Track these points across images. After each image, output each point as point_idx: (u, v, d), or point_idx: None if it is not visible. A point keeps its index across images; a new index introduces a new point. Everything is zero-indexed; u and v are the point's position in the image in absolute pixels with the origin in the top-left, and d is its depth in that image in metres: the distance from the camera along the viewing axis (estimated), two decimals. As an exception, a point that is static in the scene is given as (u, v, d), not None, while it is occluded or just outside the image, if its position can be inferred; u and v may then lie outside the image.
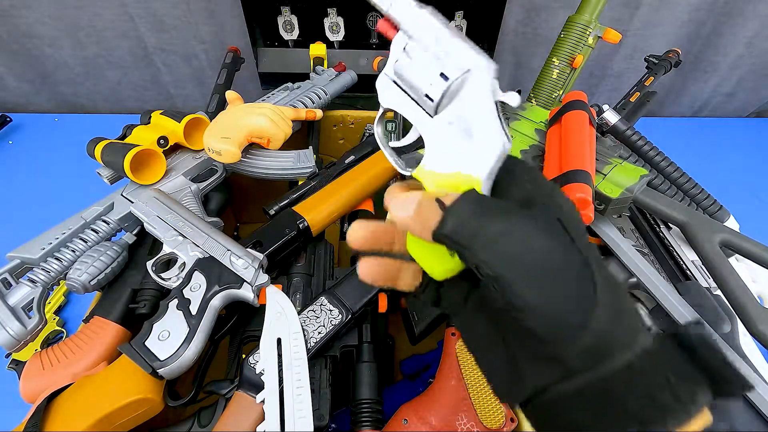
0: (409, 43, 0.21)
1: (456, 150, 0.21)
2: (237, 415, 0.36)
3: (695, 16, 0.91)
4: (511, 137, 0.20)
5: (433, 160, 0.21)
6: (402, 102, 0.22)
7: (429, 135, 0.22)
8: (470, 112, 0.20)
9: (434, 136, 0.21)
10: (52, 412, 0.36)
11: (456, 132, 0.21)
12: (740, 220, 0.51)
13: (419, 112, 0.22)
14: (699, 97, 1.08)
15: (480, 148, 0.20)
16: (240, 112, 0.52)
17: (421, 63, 0.21)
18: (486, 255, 0.18)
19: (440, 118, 0.21)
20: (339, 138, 0.72)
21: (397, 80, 0.22)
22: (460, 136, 0.20)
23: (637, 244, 0.47)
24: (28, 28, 0.86)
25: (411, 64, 0.21)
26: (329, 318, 0.40)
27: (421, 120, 0.22)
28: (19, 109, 0.99)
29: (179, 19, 0.87)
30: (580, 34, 0.58)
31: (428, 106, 0.21)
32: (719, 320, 0.40)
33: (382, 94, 0.23)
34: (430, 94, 0.21)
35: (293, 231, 0.45)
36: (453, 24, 0.85)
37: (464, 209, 0.19)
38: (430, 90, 0.21)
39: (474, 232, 0.18)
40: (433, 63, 0.20)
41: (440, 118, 0.21)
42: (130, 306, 0.43)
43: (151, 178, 0.48)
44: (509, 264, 0.17)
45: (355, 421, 0.41)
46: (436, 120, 0.21)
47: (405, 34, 0.21)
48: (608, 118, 0.51)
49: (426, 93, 0.21)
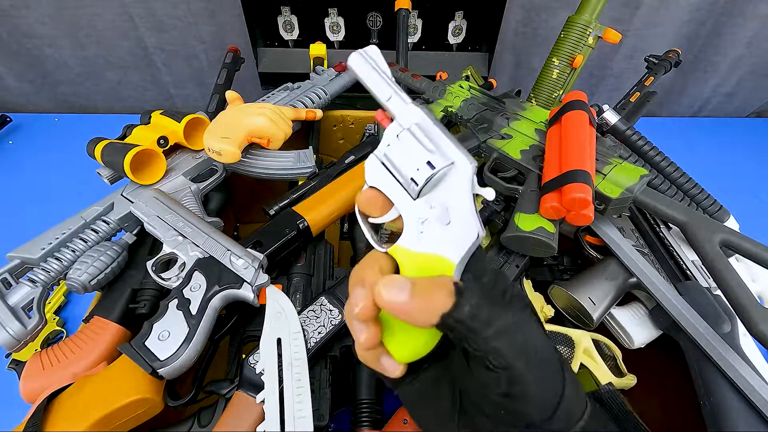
0: (403, 133, 0.24)
1: (433, 233, 0.22)
2: (237, 415, 0.36)
3: (695, 16, 0.91)
4: (484, 228, 0.22)
5: (410, 239, 0.23)
6: (387, 182, 0.24)
7: (409, 215, 0.23)
8: (450, 200, 0.22)
9: (414, 217, 0.23)
10: (52, 412, 0.36)
11: (435, 216, 0.22)
12: (740, 220, 0.51)
13: (402, 194, 0.24)
14: (699, 97, 1.08)
15: (456, 235, 0.22)
16: (240, 112, 0.52)
17: (411, 150, 0.23)
18: (500, 344, 0.19)
19: (422, 201, 0.23)
20: (339, 138, 0.72)
21: (385, 162, 0.24)
22: (438, 221, 0.22)
23: (637, 244, 0.47)
24: (28, 28, 0.86)
25: (402, 151, 0.23)
26: (329, 318, 0.40)
27: (403, 201, 0.24)
28: (19, 109, 0.99)
29: (179, 19, 0.87)
30: (580, 34, 0.58)
31: (412, 189, 0.23)
32: (719, 320, 0.40)
33: (369, 172, 0.25)
34: (415, 178, 0.23)
35: (293, 231, 0.45)
36: (452, 26, 0.85)
37: (476, 296, 0.19)
38: (416, 175, 0.23)
39: (488, 320, 0.19)
40: (422, 152, 0.23)
41: (422, 201, 0.23)
42: (130, 306, 0.43)
43: (151, 178, 0.48)
44: (520, 355, 0.19)
45: (355, 421, 0.41)
46: (418, 202, 0.23)
47: (399, 125, 0.24)
48: (608, 118, 0.51)
49: (412, 177, 0.23)
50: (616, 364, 0.47)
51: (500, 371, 0.19)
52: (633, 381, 0.46)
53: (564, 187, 0.39)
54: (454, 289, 0.19)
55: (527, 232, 0.41)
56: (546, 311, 0.49)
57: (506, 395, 0.19)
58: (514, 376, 0.18)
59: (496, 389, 0.19)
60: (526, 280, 0.51)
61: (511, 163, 0.48)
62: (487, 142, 0.50)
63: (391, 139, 0.24)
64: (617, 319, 0.47)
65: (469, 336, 0.19)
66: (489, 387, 0.19)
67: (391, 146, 0.24)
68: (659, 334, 0.46)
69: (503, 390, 0.19)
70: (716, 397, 0.37)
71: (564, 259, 0.54)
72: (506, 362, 0.18)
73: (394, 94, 0.24)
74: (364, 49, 0.26)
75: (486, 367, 0.19)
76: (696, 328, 0.40)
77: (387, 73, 0.25)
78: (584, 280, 0.46)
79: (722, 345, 0.38)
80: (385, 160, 0.24)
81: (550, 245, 0.41)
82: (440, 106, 0.56)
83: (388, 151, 0.24)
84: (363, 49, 0.26)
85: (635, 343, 0.45)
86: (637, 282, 0.45)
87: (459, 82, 0.59)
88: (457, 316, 0.19)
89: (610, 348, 0.48)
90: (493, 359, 0.19)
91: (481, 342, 0.19)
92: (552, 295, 0.50)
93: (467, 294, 0.19)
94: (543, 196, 0.42)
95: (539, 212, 0.42)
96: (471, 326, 0.19)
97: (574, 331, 0.46)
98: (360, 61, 0.26)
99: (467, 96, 0.57)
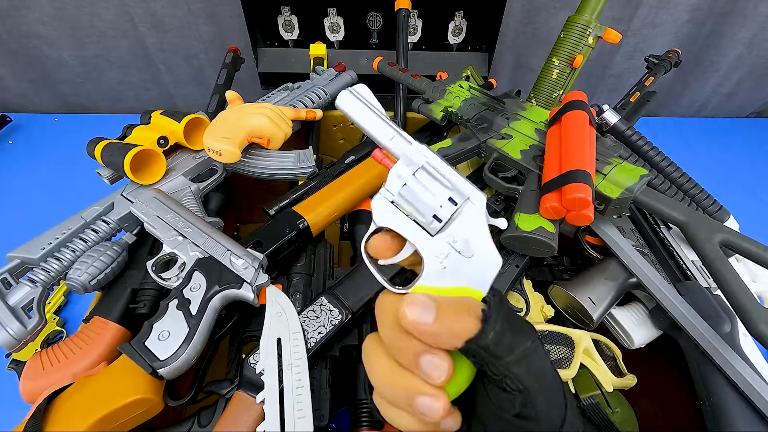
0: (419, 172, 0.24)
1: (457, 266, 0.23)
2: (237, 415, 0.36)
3: (695, 16, 0.91)
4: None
5: (432, 276, 0.23)
6: (401, 222, 0.24)
7: (428, 253, 0.23)
8: (470, 233, 0.23)
9: (434, 252, 0.23)
10: (52, 412, 0.36)
11: (457, 249, 0.23)
12: (740, 220, 0.51)
13: (419, 232, 0.23)
14: (699, 97, 1.08)
15: (482, 265, 0.23)
16: (240, 112, 0.52)
17: (429, 188, 0.24)
18: (519, 369, 0.19)
19: (441, 237, 0.23)
20: (339, 138, 0.72)
21: (398, 202, 0.24)
22: (461, 254, 0.23)
23: (637, 244, 0.47)
24: (28, 28, 0.86)
25: (419, 189, 0.24)
26: (329, 318, 0.40)
27: (420, 239, 0.23)
28: (19, 109, 0.99)
29: (179, 19, 0.87)
30: (580, 34, 0.58)
31: (433, 226, 0.23)
32: (719, 320, 0.40)
33: (378, 213, 0.24)
34: (439, 215, 0.23)
35: (293, 231, 0.45)
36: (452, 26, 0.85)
37: (499, 322, 0.19)
38: (439, 212, 0.23)
39: (510, 347, 0.19)
40: (441, 189, 0.23)
41: (441, 236, 0.23)
42: (130, 306, 0.43)
43: (151, 178, 0.48)
44: (535, 379, 0.19)
45: (355, 421, 0.41)
46: (437, 238, 0.23)
47: (409, 164, 0.24)
48: (608, 118, 0.51)
49: (434, 214, 0.23)
50: (616, 364, 0.47)
51: (516, 393, 0.19)
52: (633, 381, 0.46)
53: (564, 187, 0.39)
54: (482, 315, 0.19)
55: (527, 232, 0.41)
56: (546, 311, 0.49)
57: (518, 416, 0.19)
58: (529, 398, 0.19)
59: (510, 410, 0.19)
60: (526, 280, 0.51)
61: (511, 163, 0.48)
62: (487, 142, 0.50)
63: (404, 178, 0.24)
64: (617, 319, 0.47)
65: (491, 361, 0.19)
66: (503, 408, 0.20)
67: (408, 186, 0.24)
68: (659, 334, 0.46)
69: (516, 411, 0.19)
70: (716, 397, 0.37)
71: (564, 259, 0.54)
72: (523, 385, 0.19)
73: (396, 134, 0.24)
74: (353, 88, 0.25)
75: (503, 389, 0.19)
76: (696, 328, 0.40)
77: (382, 111, 0.25)
78: (584, 280, 0.46)
79: (722, 345, 0.38)
80: (399, 200, 0.24)
81: (550, 245, 0.41)
82: (440, 106, 0.56)
83: (403, 191, 0.24)
84: (352, 88, 0.25)
85: (635, 343, 0.45)
86: (637, 282, 0.45)
87: (459, 82, 0.59)
88: (481, 342, 0.19)
89: (610, 348, 0.48)
90: (510, 382, 0.19)
91: (502, 367, 0.19)
92: (552, 295, 0.50)
93: (492, 320, 0.19)
94: (543, 196, 0.42)
95: (539, 212, 0.42)
96: (494, 352, 0.19)
97: (574, 331, 0.46)
98: (351, 100, 0.25)
99: (467, 96, 0.57)
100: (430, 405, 0.19)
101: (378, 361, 0.21)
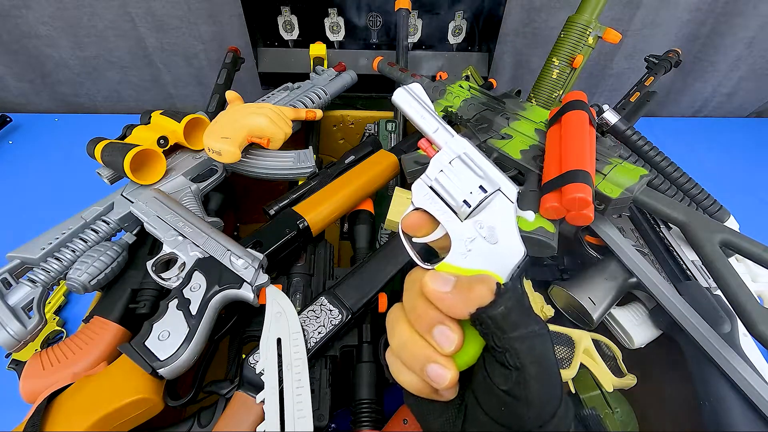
0: (455, 160, 0.27)
1: (481, 251, 0.24)
2: (237, 415, 0.36)
3: (695, 16, 0.91)
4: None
5: (458, 257, 0.25)
6: (435, 204, 0.27)
7: (457, 235, 0.25)
8: (498, 221, 0.25)
9: (462, 236, 0.25)
10: (52, 412, 0.35)
11: (484, 236, 0.25)
12: (740, 220, 0.51)
13: (451, 215, 0.26)
14: (699, 97, 1.08)
15: (504, 253, 0.24)
16: (240, 112, 0.52)
17: (464, 176, 0.26)
18: (520, 346, 0.20)
19: (469, 223, 0.25)
20: (339, 138, 0.72)
21: (435, 186, 0.27)
22: (486, 240, 0.25)
23: (637, 244, 0.47)
24: (28, 28, 0.86)
25: (454, 176, 0.26)
26: (329, 318, 0.40)
27: (451, 222, 0.26)
28: (19, 109, 0.99)
29: (179, 19, 0.87)
30: (580, 34, 0.58)
31: (463, 211, 0.25)
32: (719, 320, 0.40)
33: (417, 195, 0.27)
34: (469, 201, 0.25)
35: (293, 231, 0.45)
36: (452, 26, 0.85)
37: (511, 300, 0.21)
38: (469, 197, 0.25)
39: (516, 323, 0.21)
40: (473, 178, 0.26)
41: (470, 222, 0.25)
42: (130, 306, 0.43)
43: (151, 178, 0.48)
44: (534, 361, 0.20)
45: (355, 421, 0.41)
46: (466, 223, 0.25)
47: (449, 154, 0.27)
48: (608, 118, 0.51)
49: (465, 200, 0.25)
50: (616, 364, 0.47)
51: (512, 370, 0.20)
52: (633, 381, 0.46)
53: (564, 187, 0.39)
54: (496, 288, 0.21)
55: (527, 232, 0.41)
56: (546, 311, 0.49)
57: (509, 393, 0.20)
58: (523, 378, 0.20)
59: (502, 385, 0.21)
60: (526, 280, 0.51)
61: (511, 163, 0.48)
62: (487, 142, 0.50)
63: (442, 166, 0.27)
64: (617, 319, 0.47)
65: (496, 332, 0.21)
66: (497, 381, 0.21)
67: (443, 172, 0.27)
68: (659, 334, 0.46)
69: (508, 387, 0.20)
70: (716, 397, 0.37)
71: (564, 259, 0.54)
72: (521, 363, 0.20)
73: (440, 127, 0.27)
74: (409, 86, 0.28)
75: (501, 363, 0.21)
76: (696, 328, 0.40)
77: (431, 107, 0.28)
78: (584, 280, 0.46)
79: (722, 345, 0.38)
80: (436, 185, 0.27)
81: (550, 245, 0.41)
82: (440, 106, 0.56)
83: (439, 176, 0.27)
84: (408, 86, 0.28)
85: (635, 343, 0.45)
86: (637, 282, 0.45)
87: (459, 82, 0.59)
88: (490, 312, 0.20)
89: (610, 348, 0.48)
90: (510, 357, 0.20)
91: (506, 340, 0.20)
92: (552, 295, 0.50)
93: (505, 296, 0.21)
94: (543, 196, 0.42)
95: (539, 212, 0.42)
96: (500, 325, 0.20)
97: (574, 331, 0.46)
98: (406, 96, 0.28)
99: (467, 96, 0.57)
100: (440, 373, 0.21)
101: (399, 326, 0.24)
